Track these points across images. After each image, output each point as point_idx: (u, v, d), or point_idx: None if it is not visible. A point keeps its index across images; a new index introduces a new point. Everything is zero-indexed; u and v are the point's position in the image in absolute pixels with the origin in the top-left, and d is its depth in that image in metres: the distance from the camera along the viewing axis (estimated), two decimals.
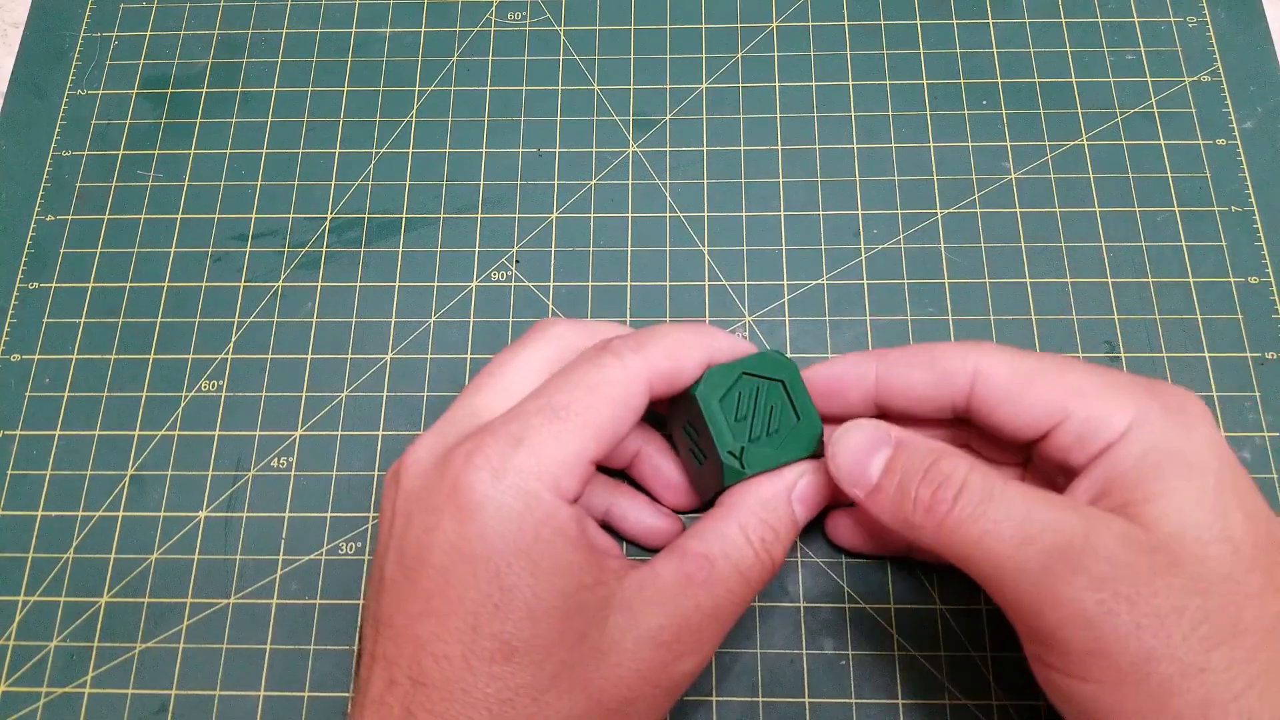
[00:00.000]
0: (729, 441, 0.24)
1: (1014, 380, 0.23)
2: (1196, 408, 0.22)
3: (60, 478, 0.31)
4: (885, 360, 0.25)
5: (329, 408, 0.32)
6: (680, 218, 0.34)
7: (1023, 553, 0.20)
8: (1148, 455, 0.21)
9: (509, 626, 0.21)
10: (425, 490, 0.22)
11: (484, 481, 0.21)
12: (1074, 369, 0.23)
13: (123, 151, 0.36)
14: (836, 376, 0.25)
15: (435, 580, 0.21)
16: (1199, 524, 0.20)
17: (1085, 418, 0.22)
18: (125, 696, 0.28)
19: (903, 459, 0.22)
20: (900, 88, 0.35)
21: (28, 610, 0.29)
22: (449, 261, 0.33)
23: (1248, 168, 0.34)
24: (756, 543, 0.23)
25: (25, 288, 0.34)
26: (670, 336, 0.24)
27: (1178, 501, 0.20)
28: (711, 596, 0.22)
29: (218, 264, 0.34)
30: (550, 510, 0.22)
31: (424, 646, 0.21)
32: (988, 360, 0.23)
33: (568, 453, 0.22)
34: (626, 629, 0.22)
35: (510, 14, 0.37)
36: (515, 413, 0.23)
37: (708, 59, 0.36)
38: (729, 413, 0.24)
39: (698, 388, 0.24)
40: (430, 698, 0.21)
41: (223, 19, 0.38)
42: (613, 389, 0.23)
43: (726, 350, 0.25)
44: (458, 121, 0.36)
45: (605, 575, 0.22)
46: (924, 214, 0.33)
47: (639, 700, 0.22)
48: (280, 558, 0.30)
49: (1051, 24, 0.36)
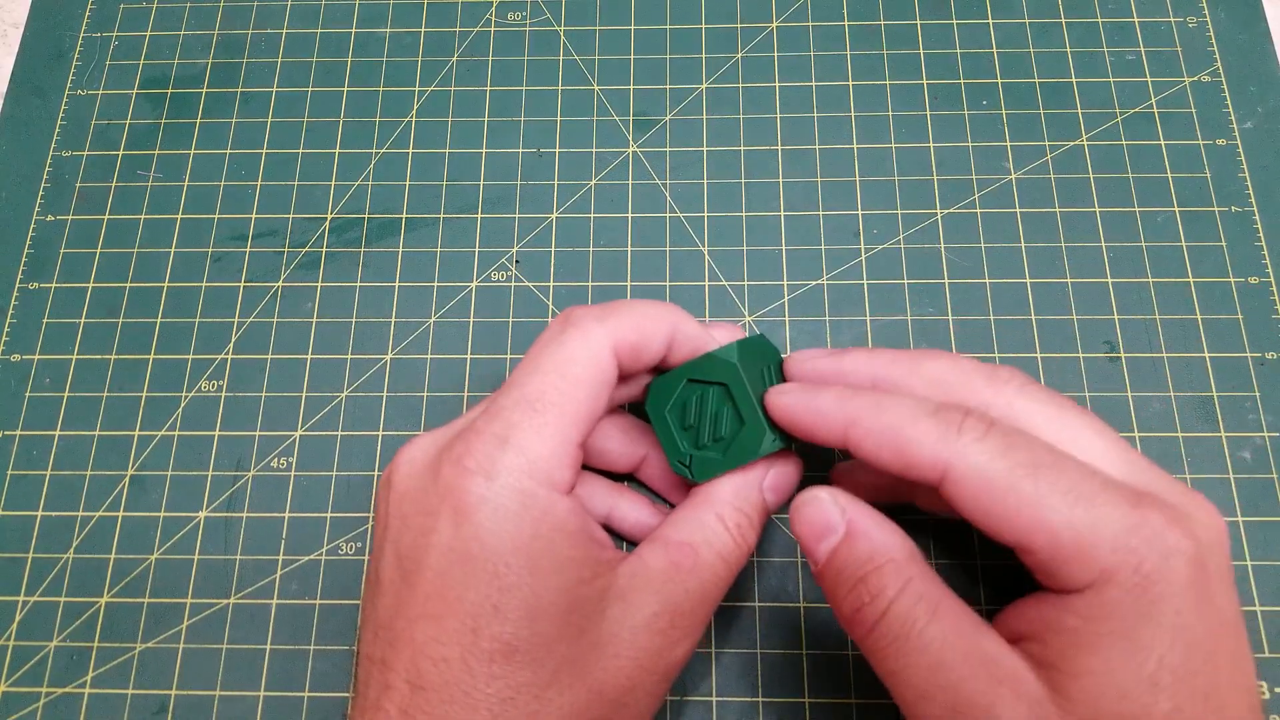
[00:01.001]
0: (679, 451, 0.25)
1: (981, 495, 0.20)
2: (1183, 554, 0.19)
3: (60, 478, 0.31)
4: (857, 426, 0.22)
5: (329, 408, 0.32)
6: (680, 218, 0.34)
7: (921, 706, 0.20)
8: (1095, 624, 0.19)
9: (509, 627, 0.21)
10: (420, 492, 0.22)
11: (478, 484, 0.21)
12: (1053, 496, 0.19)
13: (123, 151, 0.36)
14: (808, 420, 0.23)
15: (433, 583, 0.21)
16: (1118, 711, 0.18)
17: (1047, 558, 0.20)
18: (125, 697, 0.28)
19: (843, 555, 0.21)
20: (900, 88, 0.35)
21: (28, 610, 0.29)
22: (449, 261, 0.33)
23: (1248, 168, 0.34)
24: (733, 529, 0.24)
25: (25, 288, 0.34)
26: (634, 309, 0.24)
27: (1104, 684, 0.19)
28: (699, 581, 0.23)
29: (218, 264, 0.34)
30: (546, 506, 0.22)
31: (421, 650, 0.21)
32: (960, 465, 0.20)
33: (554, 445, 0.22)
34: (623, 619, 0.22)
35: (510, 14, 0.37)
36: (495, 410, 0.23)
37: (708, 59, 0.36)
38: (677, 420, 0.25)
39: (649, 398, 0.25)
40: (429, 701, 0.20)
41: (223, 19, 0.38)
42: (582, 369, 0.23)
43: (691, 333, 0.25)
44: (458, 121, 0.36)
45: (601, 568, 0.22)
46: (924, 214, 0.33)
47: (638, 688, 0.22)
48: (280, 558, 0.30)
49: (1051, 24, 0.36)
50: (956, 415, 0.21)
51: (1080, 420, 0.22)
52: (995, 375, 0.23)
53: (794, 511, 0.22)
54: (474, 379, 0.32)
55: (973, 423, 0.21)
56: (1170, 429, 0.30)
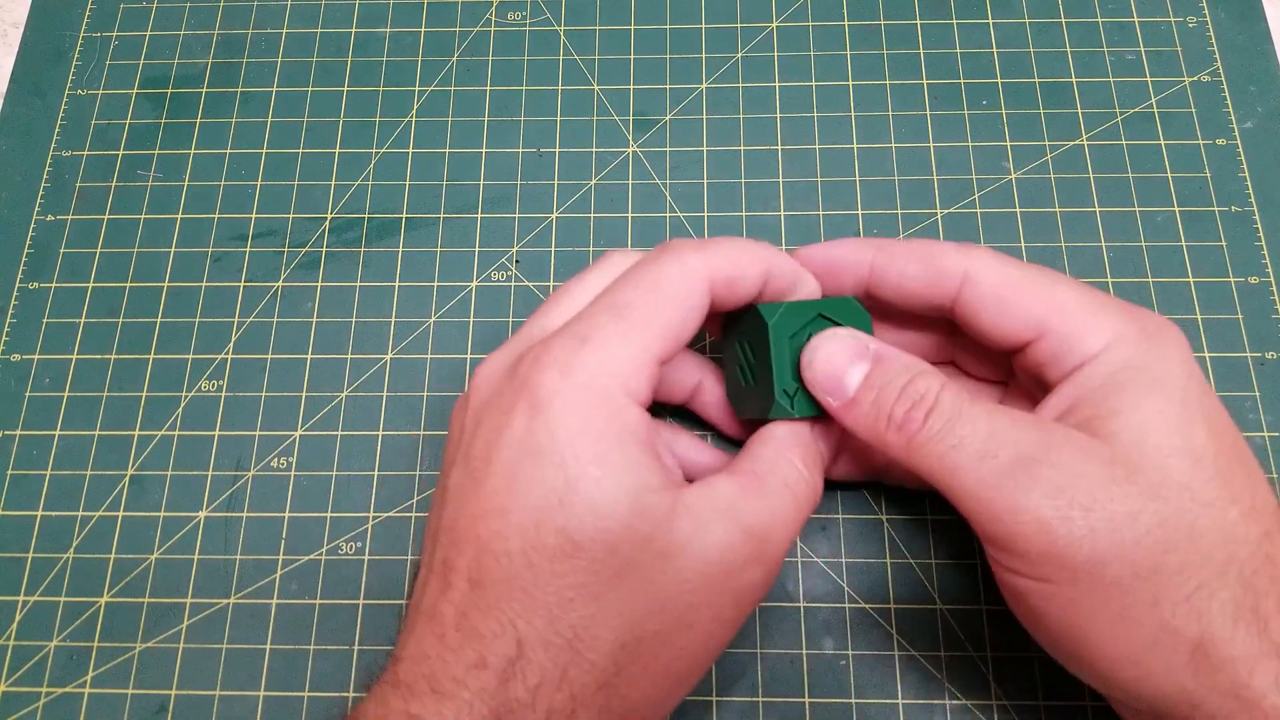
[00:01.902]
0: (787, 381, 0.24)
1: (1000, 288, 0.23)
2: (1173, 333, 0.22)
3: (60, 478, 0.31)
4: (883, 251, 0.25)
5: (329, 408, 0.32)
6: (680, 218, 0.34)
7: (983, 466, 0.21)
8: (1117, 374, 0.21)
9: (573, 521, 0.20)
10: (495, 395, 0.22)
11: (552, 378, 0.21)
12: (1062, 286, 0.23)
13: (123, 151, 0.36)
14: (832, 259, 0.25)
15: (501, 477, 0.21)
16: (1160, 437, 0.20)
17: (1063, 335, 0.22)
18: (125, 696, 0.28)
19: (880, 374, 0.22)
20: (900, 88, 0.35)
21: (28, 610, 0.29)
22: (449, 261, 0.33)
23: (1248, 168, 0.34)
24: (798, 462, 0.24)
25: (25, 288, 0.34)
26: (732, 244, 0.24)
27: (1140, 416, 0.21)
28: (768, 505, 0.22)
29: (218, 264, 0.34)
30: (619, 407, 0.21)
31: (485, 546, 0.21)
32: (979, 264, 0.23)
33: (634, 350, 0.22)
34: (691, 534, 0.21)
35: (510, 14, 0.37)
36: (581, 315, 0.23)
37: (708, 59, 0.36)
38: (793, 351, 0.24)
39: (772, 319, 0.24)
40: (486, 598, 0.20)
41: (223, 19, 0.38)
42: (675, 286, 0.23)
43: (787, 271, 0.25)
44: (458, 121, 0.36)
45: (670, 482, 0.22)
46: (924, 214, 0.33)
47: (704, 607, 0.21)
48: (280, 558, 0.30)
49: (1051, 24, 0.36)
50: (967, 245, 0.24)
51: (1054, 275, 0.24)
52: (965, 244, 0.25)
53: (812, 350, 0.23)
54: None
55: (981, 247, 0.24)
56: None
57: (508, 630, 0.20)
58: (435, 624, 0.21)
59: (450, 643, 0.20)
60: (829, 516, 0.30)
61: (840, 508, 0.30)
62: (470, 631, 0.20)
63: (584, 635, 0.20)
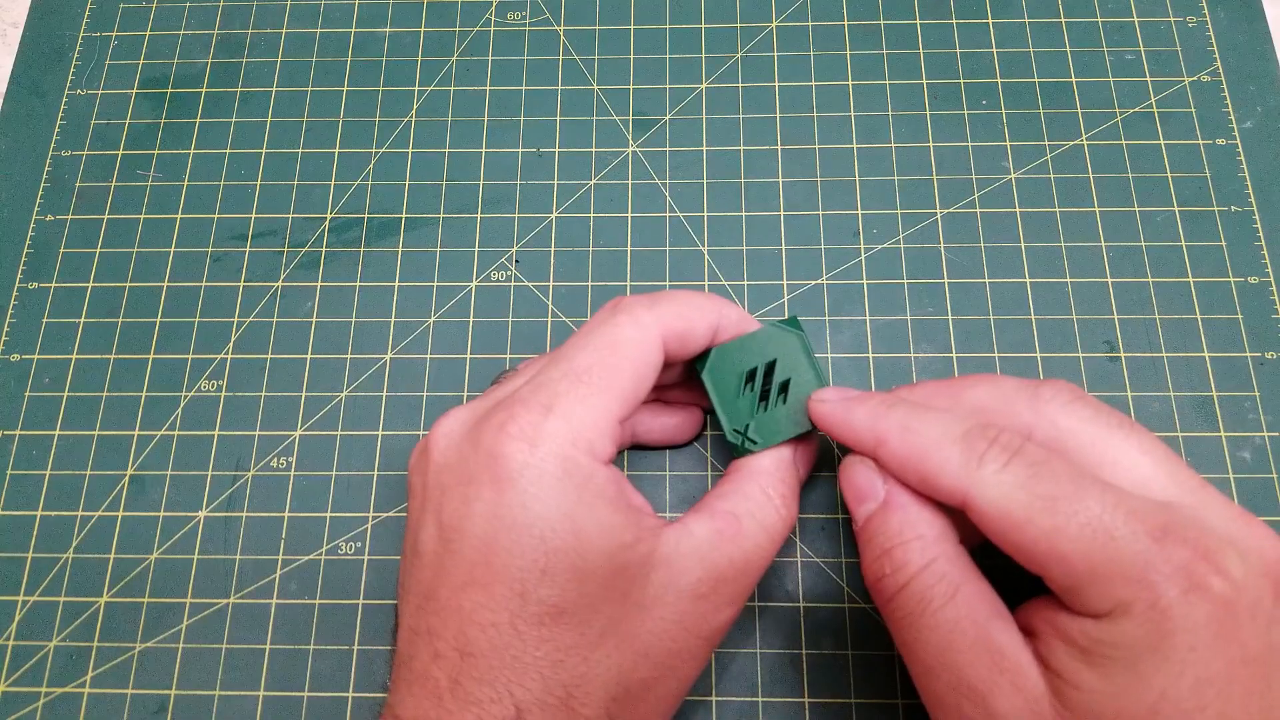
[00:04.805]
0: (738, 421, 0.25)
1: (1000, 522, 0.20)
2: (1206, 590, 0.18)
3: (60, 478, 0.31)
4: (885, 447, 0.23)
5: (329, 408, 0.32)
6: (680, 218, 0.34)
7: (926, 680, 0.21)
8: (1105, 647, 0.19)
9: (556, 590, 0.21)
10: (459, 461, 0.23)
11: (521, 450, 0.21)
12: (1072, 522, 0.19)
13: (122, 151, 0.36)
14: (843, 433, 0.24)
15: (478, 550, 0.21)
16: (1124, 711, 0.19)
17: (1065, 588, 0.20)
18: (125, 696, 0.28)
19: (876, 523, 0.23)
20: (900, 88, 0.35)
21: (28, 610, 0.29)
22: (449, 261, 0.33)
23: (1248, 168, 0.34)
24: (777, 499, 0.24)
25: (25, 288, 0.34)
26: (682, 299, 0.25)
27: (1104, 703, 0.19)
28: (741, 550, 0.23)
29: (217, 264, 0.34)
30: (588, 474, 0.22)
31: (469, 617, 0.21)
32: (978, 492, 0.21)
33: (597, 415, 0.22)
34: (667, 584, 0.22)
35: (510, 14, 0.37)
36: (540, 381, 0.23)
37: (708, 59, 0.36)
38: (733, 391, 0.26)
39: (703, 366, 0.26)
40: (478, 666, 0.21)
41: (223, 19, 0.38)
42: (631, 348, 0.23)
43: (735, 319, 0.26)
44: (457, 121, 0.36)
45: (643, 533, 0.23)
46: (924, 214, 0.33)
47: (682, 651, 0.23)
48: (280, 558, 0.30)
49: (1051, 24, 0.36)
50: (982, 442, 0.21)
51: (1126, 439, 0.21)
52: (1038, 394, 0.22)
53: (842, 470, 0.24)
54: (474, 379, 0.32)
55: (996, 451, 0.21)
56: (1170, 429, 0.30)
57: (504, 697, 0.21)
58: (430, 687, 0.21)
59: (448, 705, 0.21)
60: (829, 516, 0.30)
61: (840, 508, 0.30)
62: (466, 698, 0.21)
63: (577, 693, 0.21)
